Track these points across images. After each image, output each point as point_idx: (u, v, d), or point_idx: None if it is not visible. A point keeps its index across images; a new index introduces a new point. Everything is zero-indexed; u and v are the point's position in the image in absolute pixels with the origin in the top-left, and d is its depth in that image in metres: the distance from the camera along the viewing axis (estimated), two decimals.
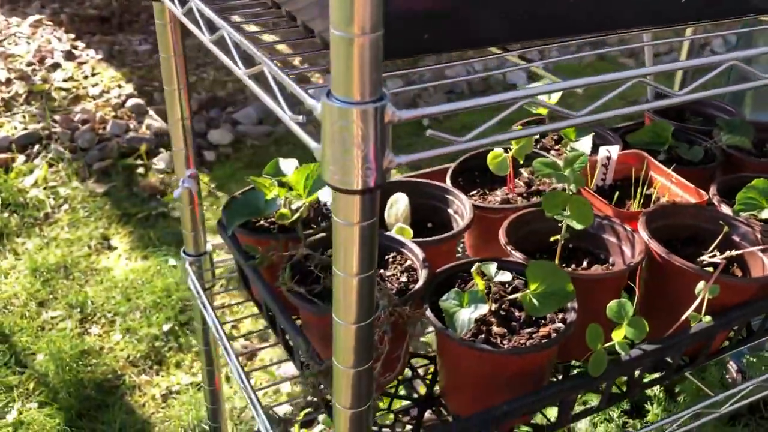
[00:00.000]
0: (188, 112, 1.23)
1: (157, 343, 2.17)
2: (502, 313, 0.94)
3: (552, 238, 1.05)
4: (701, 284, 0.97)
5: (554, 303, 0.90)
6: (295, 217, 1.11)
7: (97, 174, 3.02)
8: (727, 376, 1.55)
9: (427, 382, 1.08)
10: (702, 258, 1.06)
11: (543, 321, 0.93)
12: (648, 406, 1.45)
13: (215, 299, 1.62)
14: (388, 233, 1.08)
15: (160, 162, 3.10)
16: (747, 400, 1.10)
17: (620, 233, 1.09)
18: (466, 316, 0.88)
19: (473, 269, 0.95)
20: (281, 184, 1.16)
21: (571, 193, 1.02)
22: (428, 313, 0.91)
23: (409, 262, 1.03)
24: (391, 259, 1.05)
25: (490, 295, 0.96)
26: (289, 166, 1.18)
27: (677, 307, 1.01)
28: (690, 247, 1.12)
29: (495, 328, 0.91)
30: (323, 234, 1.07)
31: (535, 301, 0.90)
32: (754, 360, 1.55)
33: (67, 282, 2.42)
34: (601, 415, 1.40)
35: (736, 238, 1.11)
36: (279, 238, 1.08)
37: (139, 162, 3.12)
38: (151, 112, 3.41)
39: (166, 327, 2.21)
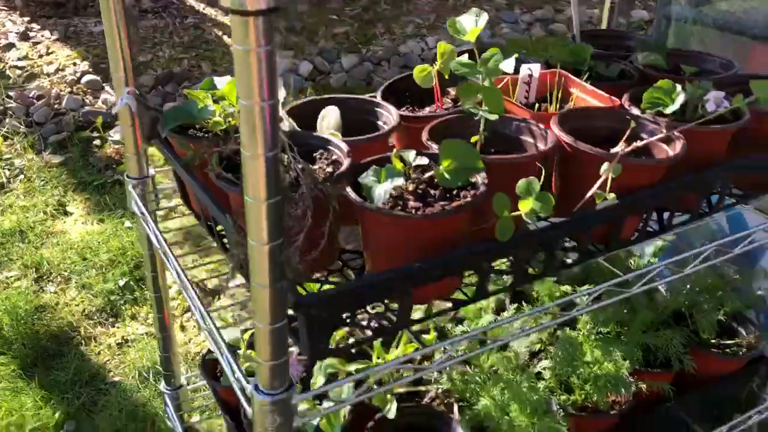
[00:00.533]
0: (125, 34, 1.28)
1: (113, 297, 2.21)
2: (419, 192, 1.01)
3: (473, 139, 1.12)
4: (605, 164, 1.05)
5: (464, 175, 0.97)
6: (227, 124, 1.17)
7: (53, 146, 3.04)
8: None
9: (356, 270, 1.14)
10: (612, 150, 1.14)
11: (457, 198, 1.00)
12: (580, 318, 1.52)
13: None
14: (315, 134, 1.14)
15: (115, 134, 3.13)
16: (657, 282, 1.18)
17: (536, 132, 1.17)
18: (383, 188, 0.95)
19: (393, 154, 1.01)
20: (215, 100, 1.22)
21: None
22: (348, 189, 0.97)
23: (335, 157, 1.09)
24: (318, 156, 1.11)
25: (409, 181, 1.02)
26: (223, 82, 1.24)
27: (586, 192, 1.09)
28: (603, 145, 1.19)
29: (411, 203, 0.98)
30: None
31: (446, 175, 0.97)
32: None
33: (23, 245, 2.44)
34: (533, 322, 1.47)
35: (645, 135, 1.19)
36: (212, 140, 1.14)
37: (95, 134, 3.14)
38: (107, 88, 3.43)
39: (121, 282, 2.25)
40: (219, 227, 1.13)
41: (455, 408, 1.39)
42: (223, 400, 1.50)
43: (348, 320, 0.93)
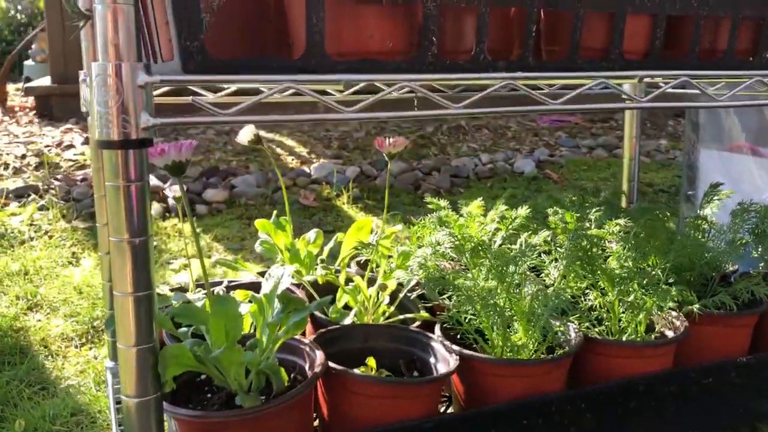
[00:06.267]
0: None
1: (96, 323, 1.98)
2: None
3: None
4: None
5: None
6: None
7: (84, 216, 2.98)
8: None
9: None
10: None
11: None
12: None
13: None
14: None
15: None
16: None
17: None
18: None
19: None
20: None
21: None
22: None
23: None
24: None
25: None
26: None
27: None
28: None
29: None
30: None
31: None
32: None
33: (23, 282, 2.29)
34: None
35: None
36: None
37: None
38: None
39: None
40: None
41: (437, 327, 1.06)
42: None
43: None
